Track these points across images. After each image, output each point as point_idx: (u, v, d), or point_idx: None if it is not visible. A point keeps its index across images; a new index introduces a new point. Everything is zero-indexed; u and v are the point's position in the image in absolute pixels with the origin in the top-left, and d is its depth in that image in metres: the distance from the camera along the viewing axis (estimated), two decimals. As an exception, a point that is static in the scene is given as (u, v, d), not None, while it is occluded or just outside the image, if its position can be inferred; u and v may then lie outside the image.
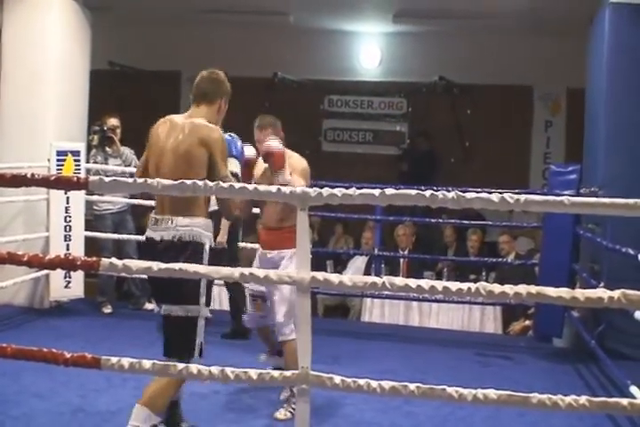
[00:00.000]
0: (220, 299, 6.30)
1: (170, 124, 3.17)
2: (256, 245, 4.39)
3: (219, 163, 3.03)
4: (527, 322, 6.12)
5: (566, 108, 9.06)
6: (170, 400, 3.06)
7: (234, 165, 3.20)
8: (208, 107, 3.20)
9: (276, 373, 2.59)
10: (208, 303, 3.10)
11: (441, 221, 7.14)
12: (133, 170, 5.95)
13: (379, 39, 9.24)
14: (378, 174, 8.42)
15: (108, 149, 6.05)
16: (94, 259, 2.49)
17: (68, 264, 2.49)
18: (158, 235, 3.04)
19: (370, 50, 9.33)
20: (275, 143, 3.71)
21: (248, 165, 3.63)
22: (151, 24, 8.68)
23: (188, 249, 3.00)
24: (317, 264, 4.74)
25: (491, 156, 8.91)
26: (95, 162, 6.05)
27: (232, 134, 3.35)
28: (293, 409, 3.51)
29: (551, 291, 2.37)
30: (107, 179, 2.48)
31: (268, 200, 3.75)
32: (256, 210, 4.30)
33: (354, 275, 6.36)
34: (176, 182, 2.45)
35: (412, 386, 2.41)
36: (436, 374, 4.54)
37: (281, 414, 3.73)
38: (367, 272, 6.86)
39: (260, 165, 3.89)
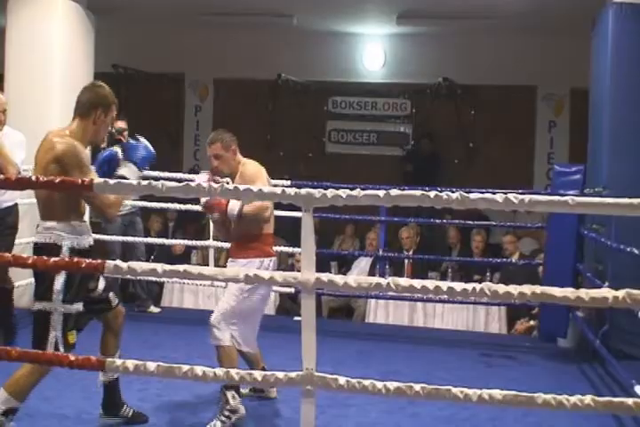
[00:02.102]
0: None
1: (42, 140, 3.21)
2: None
3: (76, 176, 2.96)
4: (532, 322, 6.12)
5: (570, 109, 9.05)
6: (32, 387, 3.13)
7: (128, 171, 3.22)
8: (81, 119, 3.21)
9: (280, 374, 2.60)
10: (72, 300, 3.16)
11: (445, 221, 7.14)
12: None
13: (382, 40, 9.25)
14: (382, 175, 8.44)
15: None
16: (99, 261, 2.50)
17: (73, 267, 2.50)
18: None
19: (373, 51, 9.34)
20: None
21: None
22: (155, 27, 8.70)
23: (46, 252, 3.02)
24: (321, 265, 4.75)
25: (494, 156, 8.91)
26: None
27: (139, 138, 3.37)
28: (226, 417, 3.55)
29: (556, 291, 2.37)
30: (111, 181, 2.49)
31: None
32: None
33: (358, 276, 6.37)
34: (180, 185, 2.46)
35: (417, 387, 2.42)
36: (440, 374, 4.54)
37: (210, 425, 3.56)
38: (371, 273, 6.87)
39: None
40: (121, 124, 6.14)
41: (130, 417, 3.59)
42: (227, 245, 6.60)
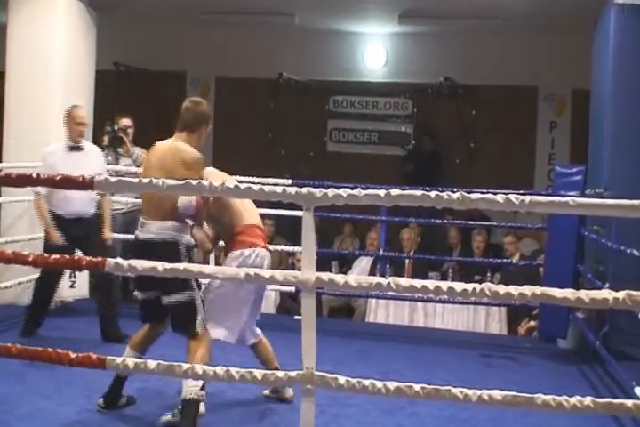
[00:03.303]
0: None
1: (156, 149, 3.61)
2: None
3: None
4: (532, 323, 6.12)
5: (571, 109, 9.05)
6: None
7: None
8: (188, 134, 3.57)
9: (280, 373, 2.60)
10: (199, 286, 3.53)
11: (446, 221, 7.14)
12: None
13: (384, 40, 9.25)
14: (383, 175, 8.43)
15: (118, 149, 6.07)
16: (100, 259, 2.50)
17: (73, 264, 2.50)
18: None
19: (375, 50, 9.33)
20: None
21: None
22: (156, 25, 8.69)
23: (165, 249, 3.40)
24: (322, 265, 4.75)
25: (495, 156, 8.91)
26: (107, 162, 6.06)
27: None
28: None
29: (556, 292, 2.37)
30: (112, 179, 2.49)
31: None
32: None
33: (359, 275, 6.37)
34: (181, 183, 2.45)
35: (417, 387, 2.42)
36: (440, 374, 4.54)
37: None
38: (372, 273, 6.86)
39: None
40: (125, 122, 6.15)
41: (123, 405, 3.74)
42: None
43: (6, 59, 6.15)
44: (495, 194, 2.44)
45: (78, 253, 4.71)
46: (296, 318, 5.49)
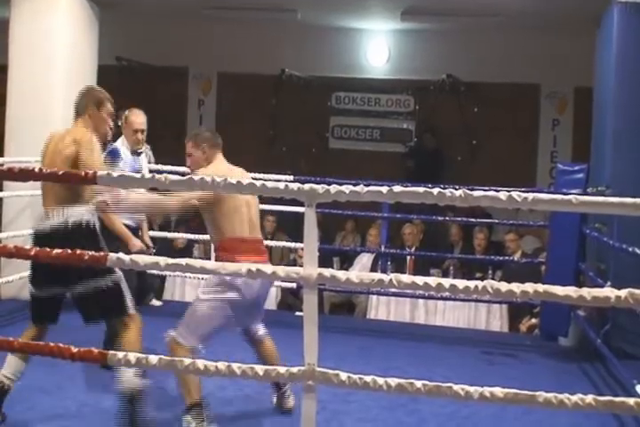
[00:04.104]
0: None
1: (51, 136, 3.55)
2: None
3: (86, 157, 3.31)
4: (533, 320, 6.12)
5: (574, 107, 9.04)
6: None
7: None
8: (81, 119, 3.52)
9: (282, 369, 2.60)
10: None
11: (447, 219, 7.13)
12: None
13: (386, 36, 9.23)
14: (384, 172, 8.43)
15: None
16: (101, 254, 2.50)
17: (75, 259, 2.50)
18: None
19: (377, 47, 9.31)
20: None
21: None
22: (159, 20, 8.68)
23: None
24: (323, 261, 4.73)
25: (497, 154, 8.90)
26: None
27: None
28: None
29: (558, 289, 2.37)
30: (114, 173, 2.49)
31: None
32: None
33: (360, 272, 6.36)
34: (183, 178, 2.45)
35: (419, 383, 2.42)
36: (441, 371, 4.54)
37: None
38: (373, 269, 6.86)
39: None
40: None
41: None
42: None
43: (8, 53, 6.14)
44: (497, 191, 2.44)
45: None
46: (297, 314, 5.50)
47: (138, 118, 4.64)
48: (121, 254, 2.51)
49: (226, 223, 3.47)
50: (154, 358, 2.56)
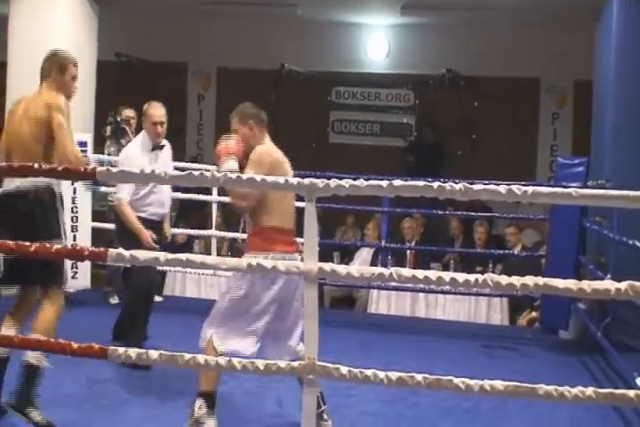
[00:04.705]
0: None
1: (17, 101, 3.60)
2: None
3: (58, 129, 3.33)
4: (533, 314, 6.13)
5: (573, 101, 9.03)
6: None
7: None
8: (46, 83, 3.52)
9: (282, 363, 2.60)
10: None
11: (447, 213, 7.13)
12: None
13: (386, 31, 9.22)
14: (384, 166, 8.42)
15: (121, 140, 6.06)
16: (102, 249, 2.50)
17: (75, 255, 2.50)
18: None
19: (377, 42, 9.31)
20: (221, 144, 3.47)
21: None
22: (158, 15, 8.67)
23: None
24: (324, 256, 4.73)
25: (497, 148, 8.89)
26: (109, 153, 6.05)
27: None
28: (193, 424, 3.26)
29: (558, 282, 2.37)
30: (114, 169, 2.49)
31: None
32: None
33: (360, 266, 6.37)
34: (183, 173, 2.45)
35: (419, 377, 2.42)
36: (442, 365, 4.53)
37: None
38: (374, 264, 6.86)
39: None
40: (128, 113, 6.12)
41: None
42: (229, 234, 6.63)
43: (8, 50, 6.14)
44: (497, 185, 2.45)
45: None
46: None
47: (157, 111, 4.62)
48: (120, 250, 2.52)
49: (268, 212, 3.35)
50: (154, 353, 2.57)
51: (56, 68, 3.52)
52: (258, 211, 3.34)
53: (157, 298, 6.32)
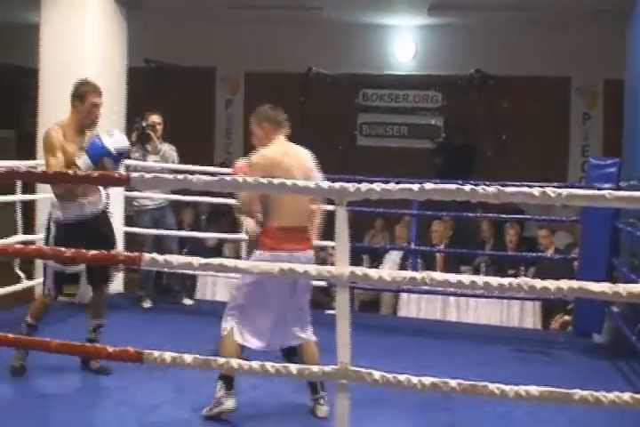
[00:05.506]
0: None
1: None
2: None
3: (44, 155, 3.90)
4: (566, 317, 6.06)
5: (603, 100, 8.93)
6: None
7: (80, 159, 3.79)
8: (70, 111, 4.01)
9: (315, 368, 2.60)
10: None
11: (478, 215, 7.08)
12: (172, 166, 6.03)
13: (413, 32, 9.20)
14: (412, 168, 8.38)
15: (146, 145, 6.11)
16: (136, 254, 2.52)
17: (111, 260, 2.53)
18: None
19: (404, 43, 9.29)
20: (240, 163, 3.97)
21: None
22: (186, 21, 8.73)
23: None
24: (353, 259, 4.72)
25: (528, 149, 8.82)
26: (135, 159, 6.11)
27: (110, 131, 3.94)
28: (209, 407, 3.55)
29: (593, 286, 2.35)
30: (147, 175, 2.51)
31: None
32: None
33: (390, 270, 6.35)
34: (216, 179, 2.47)
35: (454, 382, 2.40)
36: (474, 370, 4.49)
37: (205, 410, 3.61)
38: (403, 267, 6.84)
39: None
40: (154, 119, 6.16)
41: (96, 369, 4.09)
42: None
43: (40, 57, 6.22)
44: (530, 187, 2.42)
45: None
46: (328, 312, 5.50)
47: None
48: (154, 254, 2.53)
49: (273, 212, 3.56)
50: (188, 357, 2.58)
51: (77, 97, 3.92)
52: (264, 212, 3.58)
53: (188, 301, 6.37)
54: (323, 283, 5.97)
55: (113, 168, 3.83)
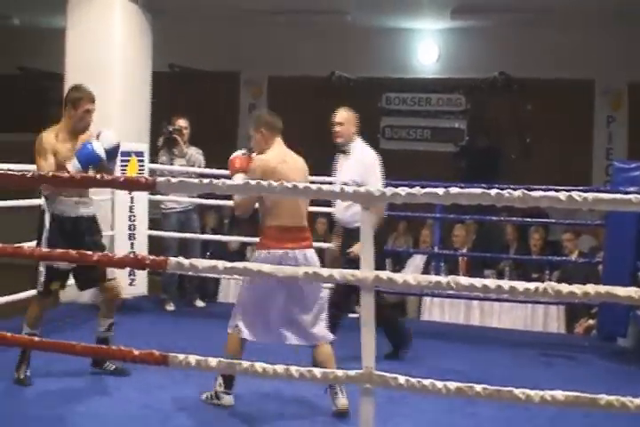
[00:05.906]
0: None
1: None
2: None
3: (35, 158, 3.92)
4: (591, 321, 6.01)
5: (628, 103, 8.85)
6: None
7: (70, 164, 3.83)
8: (64, 117, 4.04)
9: (339, 372, 2.61)
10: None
11: (502, 219, 7.04)
12: (198, 170, 6.07)
13: (436, 35, 9.18)
14: (436, 172, 8.37)
15: (173, 149, 6.15)
16: (162, 258, 2.54)
17: (137, 263, 2.55)
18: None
19: (427, 46, 9.28)
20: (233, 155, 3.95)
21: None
22: (210, 25, 8.79)
23: None
24: (376, 263, 4.71)
25: (552, 152, 8.77)
26: (161, 162, 6.16)
27: (99, 132, 4.00)
28: (209, 398, 3.75)
29: (620, 290, 2.33)
30: (173, 179, 2.53)
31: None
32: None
33: (414, 274, 6.33)
34: (241, 183, 2.48)
35: (479, 387, 2.39)
36: (498, 374, 4.48)
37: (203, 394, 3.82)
38: (426, 271, 6.82)
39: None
40: (180, 123, 6.21)
41: (113, 370, 4.15)
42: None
43: (65, 62, 6.28)
44: (556, 191, 2.41)
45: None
46: (350, 316, 5.49)
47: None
48: (181, 259, 2.55)
49: (270, 213, 3.67)
50: (213, 361, 2.59)
51: (70, 103, 3.96)
52: (263, 213, 3.70)
53: (200, 303, 6.38)
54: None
55: (108, 167, 3.99)
